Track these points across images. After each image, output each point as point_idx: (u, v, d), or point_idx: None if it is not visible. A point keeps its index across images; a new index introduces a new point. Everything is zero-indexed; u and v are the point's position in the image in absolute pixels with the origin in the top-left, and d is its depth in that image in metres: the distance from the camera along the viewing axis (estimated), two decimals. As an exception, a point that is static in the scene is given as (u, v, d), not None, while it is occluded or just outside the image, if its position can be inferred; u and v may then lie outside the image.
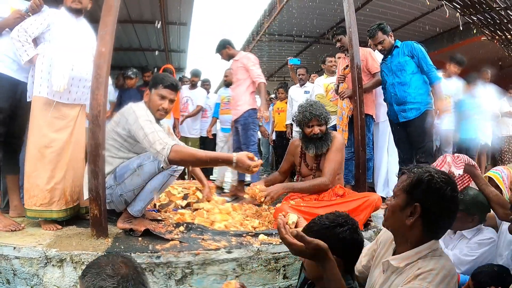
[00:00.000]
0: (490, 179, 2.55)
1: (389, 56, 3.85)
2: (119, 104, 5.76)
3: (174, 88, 2.66)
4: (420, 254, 1.31)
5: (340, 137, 3.18)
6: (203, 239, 2.34)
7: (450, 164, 2.39)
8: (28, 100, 2.62)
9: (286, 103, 6.41)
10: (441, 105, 3.60)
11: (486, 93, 5.99)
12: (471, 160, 2.40)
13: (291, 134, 6.13)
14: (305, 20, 7.18)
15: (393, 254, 1.42)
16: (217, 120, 6.34)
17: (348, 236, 1.46)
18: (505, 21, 1.69)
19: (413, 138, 3.78)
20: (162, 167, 2.39)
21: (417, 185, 1.32)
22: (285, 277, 2.28)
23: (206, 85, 6.71)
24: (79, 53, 2.66)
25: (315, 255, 1.22)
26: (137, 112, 2.45)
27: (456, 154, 2.48)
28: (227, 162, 2.25)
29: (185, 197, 3.55)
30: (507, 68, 8.14)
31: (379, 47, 3.86)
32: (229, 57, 4.50)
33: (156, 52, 7.93)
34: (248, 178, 4.65)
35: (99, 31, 2.37)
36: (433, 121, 3.72)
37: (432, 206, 1.30)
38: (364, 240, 1.62)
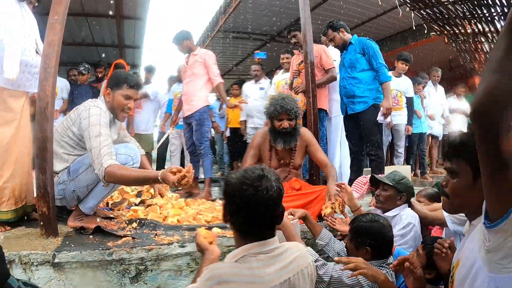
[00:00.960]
0: None
1: (344, 51, 4.04)
2: (71, 100, 5.61)
3: (139, 87, 2.68)
4: None
5: (309, 132, 3.31)
6: (156, 234, 2.33)
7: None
8: None
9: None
10: (386, 104, 3.82)
11: (436, 91, 6.43)
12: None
13: (246, 130, 6.19)
14: (261, 18, 7.22)
15: None
16: (170, 115, 6.15)
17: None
18: (453, 15, 1.78)
19: (363, 131, 3.97)
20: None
21: None
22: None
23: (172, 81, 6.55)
24: (25, 38, 2.52)
25: None
26: (91, 119, 2.39)
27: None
28: (155, 180, 2.34)
29: (138, 194, 3.48)
30: (457, 68, 8.66)
31: (331, 43, 4.02)
32: (188, 50, 4.43)
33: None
34: (202, 175, 4.66)
35: (49, 20, 2.28)
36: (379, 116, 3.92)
37: None
38: None
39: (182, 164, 6.22)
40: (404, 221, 2.39)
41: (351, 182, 4.09)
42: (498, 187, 1.01)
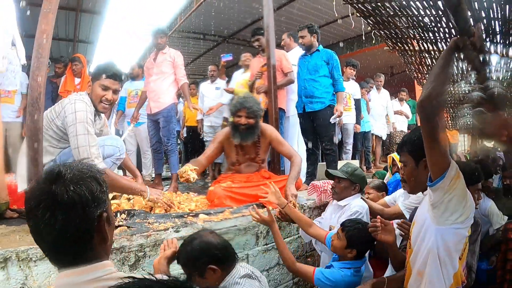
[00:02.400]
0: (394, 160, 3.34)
1: (309, 55, 4.44)
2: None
3: (118, 77, 2.62)
4: None
5: (273, 129, 3.52)
6: (148, 222, 2.42)
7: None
8: None
9: (198, 98, 6.55)
10: (339, 108, 4.31)
11: (379, 95, 7.10)
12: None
13: (202, 129, 6.30)
14: (216, 20, 7.43)
15: None
16: (123, 113, 6.13)
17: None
18: (405, 36, 2.22)
19: (319, 128, 4.37)
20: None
21: None
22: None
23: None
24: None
25: None
26: (77, 115, 2.41)
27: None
28: (140, 194, 2.61)
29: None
30: (397, 74, 9.54)
31: (300, 40, 4.44)
32: (160, 46, 4.50)
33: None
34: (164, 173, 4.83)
35: (42, 9, 2.28)
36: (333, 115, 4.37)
37: None
38: None
39: (139, 163, 6.22)
40: (352, 209, 2.54)
41: (308, 174, 4.52)
42: (434, 154, 1.48)
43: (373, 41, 5.66)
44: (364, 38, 5.85)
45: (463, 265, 1.65)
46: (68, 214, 0.92)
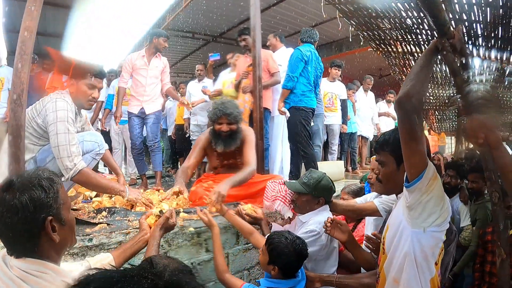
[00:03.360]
0: None
1: None
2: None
3: (103, 76, 2.67)
4: None
5: (252, 132, 3.42)
6: (129, 220, 2.43)
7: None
8: None
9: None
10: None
11: (366, 97, 7.18)
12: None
13: (189, 127, 6.32)
14: (205, 19, 7.45)
15: None
16: (110, 111, 6.12)
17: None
18: (388, 38, 2.23)
19: (288, 131, 4.72)
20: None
21: None
22: (207, 250, 2.49)
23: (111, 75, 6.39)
24: None
25: None
26: (58, 114, 2.41)
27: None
28: (119, 194, 2.65)
29: None
30: (385, 76, 9.63)
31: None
32: (156, 49, 4.58)
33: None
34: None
35: (27, 5, 2.27)
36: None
37: None
38: None
39: (125, 160, 6.20)
40: (307, 227, 2.24)
41: (291, 174, 4.53)
42: (412, 154, 1.47)
43: (361, 43, 5.67)
44: (351, 40, 5.89)
45: (438, 271, 1.63)
46: (14, 218, 1.10)
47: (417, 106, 1.43)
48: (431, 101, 3.52)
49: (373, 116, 7.43)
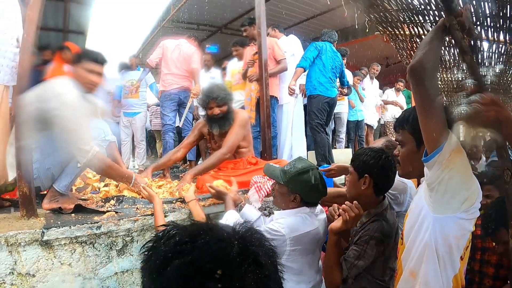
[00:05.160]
0: None
1: None
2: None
3: (102, 61, 2.63)
4: None
5: (243, 114, 3.48)
6: (137, 208, 2.45)
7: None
8: None
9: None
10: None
11: (372, 84, 7.11)
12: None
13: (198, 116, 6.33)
14: (209, 10, 7.40)
15: None
16: (119, 102, 6.20)
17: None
18: (395, 20, 2.18)
19: None
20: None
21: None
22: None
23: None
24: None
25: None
26: (64, 98, 2.34)
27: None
28: (128, 179, 2.68)
29: (101, 179, 3.43)
30: (393, 64, 9.51)
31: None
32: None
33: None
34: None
35: None
36: None
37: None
38: None
39: (133, 153, 6.22)
40: (276, 224, 1.89)
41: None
42: (429, 123, 1.34)
43: (367, 30, 5.60)
44: (357, 27, 5.80)
45: (464, 267, 1.43)
46: None
47: (430, 73, 1.35)
48: (439, 85, 3.46)
49: (376, 104, 7.39)
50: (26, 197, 2.21)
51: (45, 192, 2.57)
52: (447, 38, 1.76)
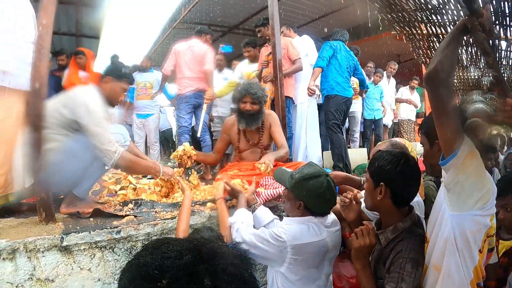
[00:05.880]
0: None
1: None
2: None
3: (133, 82, 2.78)
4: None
5: (276, 115, 3.50)
6: (156, 211, 2.44)
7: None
8: None
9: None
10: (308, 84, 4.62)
11: (388, 84, 7.04)
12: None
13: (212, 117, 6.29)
14: (221, 10, 7.37)
15: None
16: (131, 104, 6.19)
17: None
18: (413, 19, 2.16)
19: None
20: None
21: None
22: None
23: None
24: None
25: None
26: (90, 106, 2.38)
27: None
28: (156, 171, 2.71)
29: (117, 181, 3.51)
30: (404, 62, 9.42)
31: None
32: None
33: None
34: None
35: (41, 1, 2.25)
36: None
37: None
38: None
39: (147, 155, 6.25)
40: (280, 229, 1.79)
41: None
42: (445, 128, 1.42)
43: (380, 28, 5.55)
44: (370, 25, 5.74)
45: (483, 259, 1.52)
46: None
47: (445, 80, 1.41)
48: (456, 84, 3.41)
49: (391, 103, 7.31)
50: (44, 202, 2.19)
51: (62, 196, 2.56)
52: (464, 37, 1.75)
